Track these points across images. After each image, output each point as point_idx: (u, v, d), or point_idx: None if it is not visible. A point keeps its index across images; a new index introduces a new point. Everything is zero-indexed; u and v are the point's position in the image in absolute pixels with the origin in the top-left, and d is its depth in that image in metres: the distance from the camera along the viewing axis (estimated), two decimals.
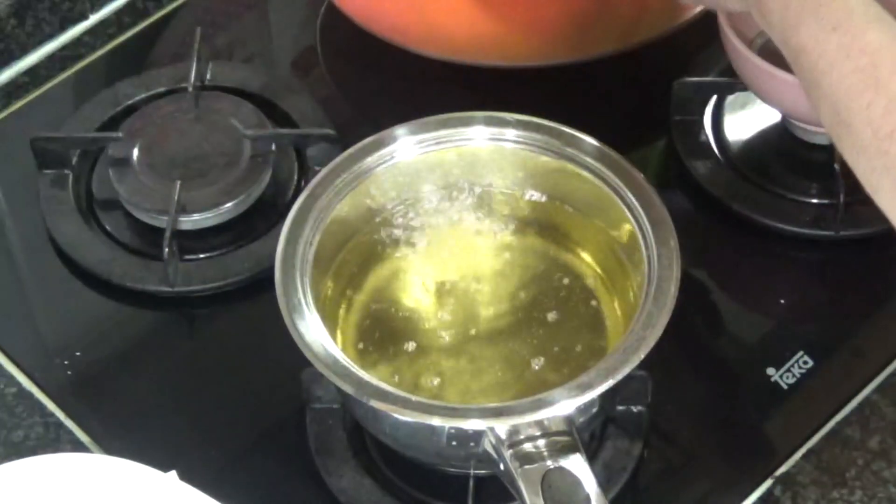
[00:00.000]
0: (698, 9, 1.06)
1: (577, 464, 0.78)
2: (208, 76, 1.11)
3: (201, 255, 1.02)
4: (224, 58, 1.14)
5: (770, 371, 0.94)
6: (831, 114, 0.75)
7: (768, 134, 1.07)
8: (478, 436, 0.80)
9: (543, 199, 0.93)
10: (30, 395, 0.96)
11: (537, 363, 0.87)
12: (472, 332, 0.89)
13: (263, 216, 1.03)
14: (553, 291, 0.91)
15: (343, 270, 0.91)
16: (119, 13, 1.19)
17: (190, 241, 1.01)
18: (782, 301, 1.00)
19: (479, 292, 0.91)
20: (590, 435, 0.89)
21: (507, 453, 0.79)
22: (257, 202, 1.03)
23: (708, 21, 1.03)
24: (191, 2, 1.20)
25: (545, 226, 0.93)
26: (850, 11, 0.76)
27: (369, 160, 0.91)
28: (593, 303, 0.90)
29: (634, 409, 0.90)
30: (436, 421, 0.80)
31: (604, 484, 0.80)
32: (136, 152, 1.04)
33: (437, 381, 0.87)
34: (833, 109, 0.75)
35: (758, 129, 1.07)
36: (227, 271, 1.00)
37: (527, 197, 0.93)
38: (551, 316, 0.89)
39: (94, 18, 1.18)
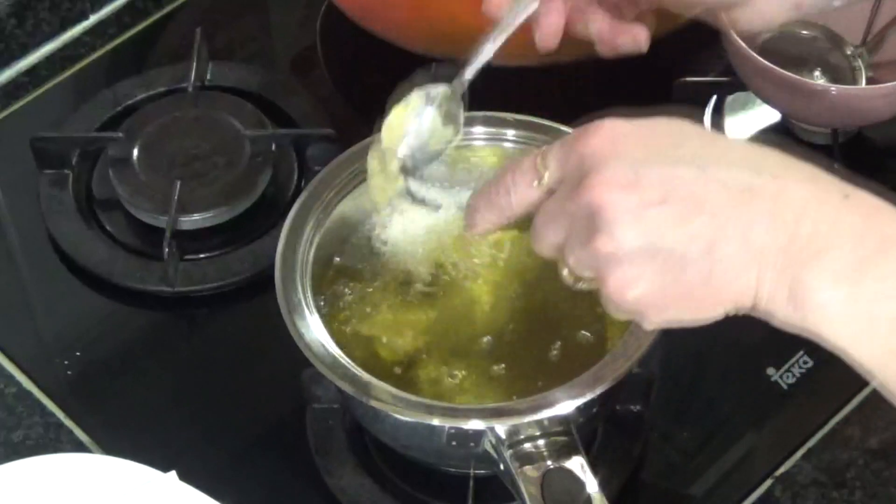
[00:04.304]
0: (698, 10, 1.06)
1: (577, 464, 0.78)
2: (208, 76, 1.11)
3: (201, 255, 1.02)
4: (224, 58, 1.14)
5: (770, 371, 0.94)
6: None
7: (768, 134, 1.07)
8: (478, 436, 0.80)
9: None
10: (30, 395, 0.96)
11: (536, 362, 0.87)
12: (472, 330, 0.89)
13: (263, 216, 1.03)
14: (552, 291, 0.91)
15: (343, 270, 0.91)
16: (119, 13, 1.19)
17: (190, 241, 1.01)
18: None
19: (478, 292, 0.91)
20: (590, 435, 0.89)
21: (507, 453, 0.79)
22: (257, 202, 1.03)
23: (708, 21, 1.03)
24: (191, 2, 1.20)
25: None
26: None
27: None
28: (592, 302, 0.90)
29: (634, 409, 0.90)
30: (436, 421, 0.80)
31: (604, 484, 0.80)
32: (136, 152, 1.04)
33: (436, 379, 0.87)
34: None
35: (758, 129, 1.07)
36: (227, 271, 1.00)
37: None
38: (550, 316, 0.89)
39: (94, 18, 1.18)
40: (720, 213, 0.65)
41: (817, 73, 1.04)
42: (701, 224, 0.65)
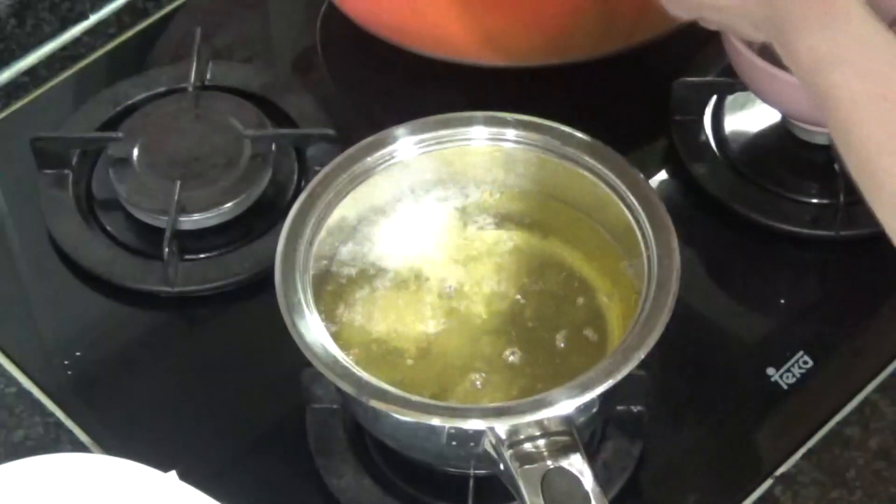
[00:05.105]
0: None
1: (577, 464, 0.78)
2: (208, 76, 1.11)
3: (201, 255, 1.02)
4: (224, 58, 1.14)
5: (770, 371, 0.94)
6: (856, 162, 0.74)
7: (768, 134, 1.07)
8: (478, 436, 0.80)
9: (543, 199, 0.93)
10: (30, 395, 0.96)
11: (537, 363, 0.87)
12: (475, 328, 0.89)
13: (263, 216, 1.03)
14: (552, 291, 0.91)
15: (343, 270, 0.91)
16: (119, 13, 1.19)
17: (190, 241, 1.01)
18: (782, 301, 1.00)
19: (478, 292, 0.91)
20: (590, 435, 0.89)
21: (507, 453, 0.79)
22: (257, 202, 1.03)
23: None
24: (191, 2, 1.20)
25: (545, 225, 0.93)
26: (888, 61, 0.74)
27: (369, 160, 0.91)
28: (593, 302, 0.90)
29: (634, 409, 0.90)
30: (436, 421, 0.80)
31: (604, 484, 0.80)
32: (136, 152, 1.04)
33: (438, 378, 0.87)
34: (858, 158, 0.74)
35: (758, 129, 1.07)
36: (227, 271, 1.00)
37: (526, 197, 0.93)
38: (550, 316, 0.89)
39: (94, 18, 1.18)
40: None
41: None
42: None
